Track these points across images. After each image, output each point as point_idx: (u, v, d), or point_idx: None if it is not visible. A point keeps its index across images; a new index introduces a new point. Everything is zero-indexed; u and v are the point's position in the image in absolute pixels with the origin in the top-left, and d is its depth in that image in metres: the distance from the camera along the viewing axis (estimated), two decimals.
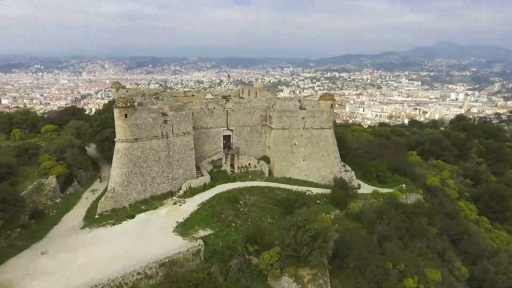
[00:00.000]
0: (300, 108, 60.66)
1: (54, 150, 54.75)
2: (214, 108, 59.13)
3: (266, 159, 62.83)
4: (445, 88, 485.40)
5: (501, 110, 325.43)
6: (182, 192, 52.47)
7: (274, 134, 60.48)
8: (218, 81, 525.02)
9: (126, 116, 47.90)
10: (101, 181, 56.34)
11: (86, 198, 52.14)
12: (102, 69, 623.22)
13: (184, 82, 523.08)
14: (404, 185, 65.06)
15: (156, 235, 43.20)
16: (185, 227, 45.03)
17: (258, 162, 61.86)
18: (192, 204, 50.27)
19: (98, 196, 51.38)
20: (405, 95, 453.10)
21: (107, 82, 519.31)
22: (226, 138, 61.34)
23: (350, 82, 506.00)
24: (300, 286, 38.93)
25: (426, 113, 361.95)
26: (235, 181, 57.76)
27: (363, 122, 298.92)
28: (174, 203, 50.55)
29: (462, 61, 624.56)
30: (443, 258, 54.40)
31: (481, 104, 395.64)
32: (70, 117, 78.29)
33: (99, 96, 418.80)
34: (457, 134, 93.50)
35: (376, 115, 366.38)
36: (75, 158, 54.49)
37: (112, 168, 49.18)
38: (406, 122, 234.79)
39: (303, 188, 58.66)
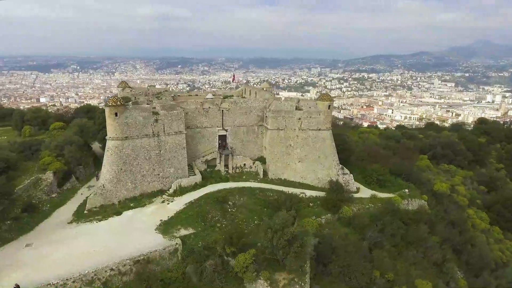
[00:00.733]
0: (296, 108, 59.50)
1: (54, 147, 56.77)
2: (209, 107, 59.20)
3: (263, 160, 62.17)
4: (481, 89, 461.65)
5: None
6: (172, 190, 52.89)
7: (269, 134, 59.73)
8: (245, 81, 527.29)
9: (116, 114, 48.89)
10: (97, 179, 57.77)
11: (81, 194, 53.74)
12: (134, 69, 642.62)
13: (211, 82, 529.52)
14: (406, 190, 62.26)
15: (138, 233, 43.72)
16: (167, 226, 45.31)
17: (253, 163, 61.31)
18: (179, 203, 50.53)
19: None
20: (437, 97, 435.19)
21: (138, 82, 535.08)
22: (222, 138, 61.24)
23: (379, 83, 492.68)
24: None
25: (460, 115, 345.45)
26: (228, 181, 57.51)
27: (391, 124, 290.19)
28: (163, 202, 51.07)
29: (500, 61, 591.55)
30: (442, 269, 51.45)
31: None
32: (84, 115, 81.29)
33: None
34: (473, 138, 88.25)
35: (405, 117, 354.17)
36: (73, 155, 56.26)
37: (103, 165, 50.37)
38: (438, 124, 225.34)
39: (297, 190, 57.63)
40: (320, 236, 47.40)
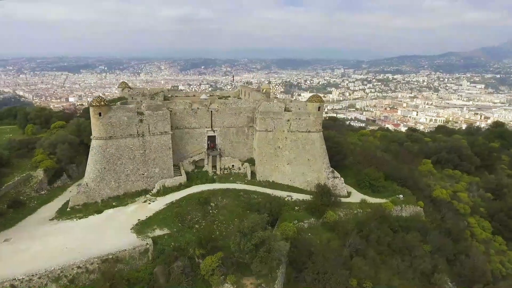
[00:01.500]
0: (285, 110, 58.46)
1: (48, 145, 58.51)
2: (198, 108, 59.16)
3: (253, 162, 61.51)
4: None
5: None
6: (155, 190, 53.21)
7: (257, 136, 59.03)
8: (267, 82, 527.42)
9: (100, 114, 49.72)
10: None
11: (70, 192, 54.93)
12: (158, 70, 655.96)
13: (233, 83, 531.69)
14: (401, 195, 59.81)
15: (113, 231, 44.17)
16: (143, 226, 45.53)
17: (242, 164, 60.74)
18: (161, 203, 50.73)
19: None
20: (465, 99, 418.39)
21: (162, 82, 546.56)
22: (212, 139, 61.06)
23: (404, 85, 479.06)
24: None
25: (489, 118, 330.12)
26: (214, 182, 57.28)
27: (416, 126, 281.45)
28: (145, 201, 51.43)
29: None
30: (430, 280, 48.95)
31: None
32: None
33: None
34: (482, 142, 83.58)
35: (430, 120, 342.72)
36: (65, 153, 57.69)
37: (87, 164, 51.31)
38: (464, 127, 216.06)
39: (284, 193, 56.70)
40: (298, 241, 46.59)
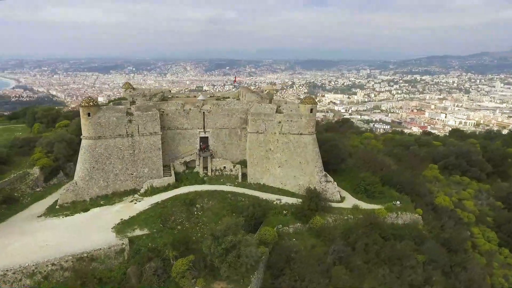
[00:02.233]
0: (277, 111, 57.42)
1: (46, 144, 60.31)
2: (190, 109, 59.17)
3: (245, 164, 60.75)
4: None
5: None
6: (143, 190, 53.63)
7: (249, 138, 58.32)
8: (291, 83, 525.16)
9: (89, 114, 50.70)
10: None
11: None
12: (184, 70, 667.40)
13: (257, 83, 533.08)
14: (398, 202, 57.26)
15: (95, 230, 44.85)
16: (125, 225, 45.95)
17: (234, 166, 60.20)
18: (146, 203, 51.07)
19: None
20: (498, 101, 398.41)
21: (187, 83, 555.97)
22: (204, 140, 60.92)
23: (432, 86, 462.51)
24: None
25: None
26: (204, 183, 57.09)
27: (444, 129, 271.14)
28: (131, 201, 51.96)
29: None
30: None
31: None
32: None
33: None
34: (495, 147, 78.56)
35: (460, 122, 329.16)
36: (62, 151, 59.22)
37: (77, 163, 52.45)
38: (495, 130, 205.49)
39: (274, 196, 55.72)
40: (279, 246, 45.58)
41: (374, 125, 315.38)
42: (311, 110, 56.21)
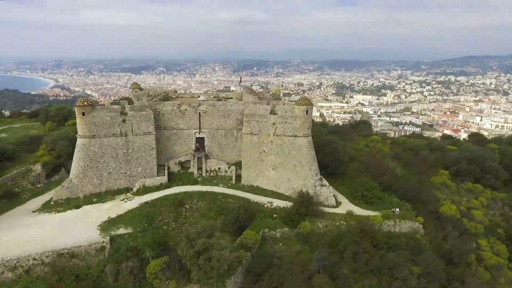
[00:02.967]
0: (272, 113, 56.31)
1: (50, 141, 62.57)
2: (186, 109, 59.27)
3: (241, 165, 60.08)
4: None
5: None
6: (135, 189, 54.24)
7: (243, 139, 57.58)
8: (318, 83, 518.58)
9: (83, 114, 51.93)
10: None
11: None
12: (212, 71, 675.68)
13: (284, 84, 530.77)
14: (397, 209, 54.47)
15: (82, 227, 45.85)
16: (110, 223, 46.64)
17: (229, 167, 59.70)
18: (136, 202, 51.63)
19: None
20: None
21: (215, 83, 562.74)
22: (200, 141, 60.83)
23: (468, 87, 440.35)
24: None
25: None
26: (197, 184, 56.94)
27: (480, 133, 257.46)
28: (122, 199, 52.66)
29: None
30: None
31: None
32: None
33: None
34: None
35: (496, 126, 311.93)
36: (64, 149, 61.18)
37: (73, 161, 53.85)
38: None
39: (266, 199, 54.71)
40: (262, 250, 44.57)
41: (403, 127, 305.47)
42: (307, 112, 54.62)
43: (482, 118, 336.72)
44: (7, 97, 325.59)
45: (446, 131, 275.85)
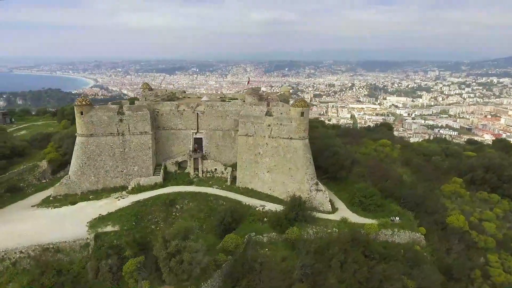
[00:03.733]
0: (267, 114, 55.17)
1: (58, 139, 65.05)
2: (184, 110, 59.49)
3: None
4: None
5: None
6: (130, 188, 55.03)
7: (239, 140, 56.88)
8: (350, 84, 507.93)
9: (81, 113, 53.46)
10: None
11: None
12: (244, 72, 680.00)
13: (315, 85, 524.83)
14: (397, 218, 51.53)
15: (73, 223, 47.07)
16: (100, 220, 47.53)
17: (225, 169, 59.22)
18: (129, 200, 52.29)
19: None
20: None
21: (246, 83, 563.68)
22: (199, 141, 60.84)
23: None
24: None
25: None
26: (191, 185, 56.86)
27: None
28: (116, 198, 53.57)
29: None
30: None
31: None
32: None
33: None
34: None
35: None
36: (69, 146, 63.25)
37: (72, 158, 55.55)
38: None
39: (258, 202, 53.67)
40: (245, 255, 43.61)
41: (439, 130, 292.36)
42: (302, 114, 52.94)
43: None
44: (51, 96, 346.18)
45: (486, 136, 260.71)
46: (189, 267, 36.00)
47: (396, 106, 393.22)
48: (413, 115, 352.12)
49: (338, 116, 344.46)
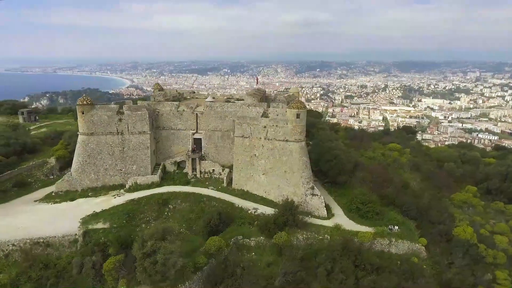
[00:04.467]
0: (264, 116, 54.15)
1: (68, 137, 67.46)
2: (184, 110, 59.73)
3: None
4: None
5: None
6: (127, 186, 55.93)
7: (235, 142, 56.26)
8: (383, 85, 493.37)
9: (83, 112, 55.03)
10: None
11: None
12: (275, 72, 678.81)
13: (347, 86, 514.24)
14: (396, 227, 48.71)
15: (68, 218, 48.45)
16: (92, 217, 48.60)
17: (223, 170, 58.81)
18: (124, 198, 53.18)
19: None
20: None
21: (277, 84, 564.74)
22: (198, 142, 60.88)
23: None
24: None
25: None
26: (187, 185, 56.96)
27: None
28: (113, 195, 54.61)
29: None
30: None
31: None
32: None
33: None
34: None
35: None
36: (75, 144, 65.29)
37: (74, 156, 57.30)
38: None
39: (251, 205, 52.87)
40: (228, 258, 42.91)
41: (477, 134, 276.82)
42: (298, 116, 51.41)
43: None
44: (89, 95, 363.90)
45: None
46: (162, 268, 35.85)
47: (431, 109, 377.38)
48: (449, 118, 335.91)
49: (369, 118, 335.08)
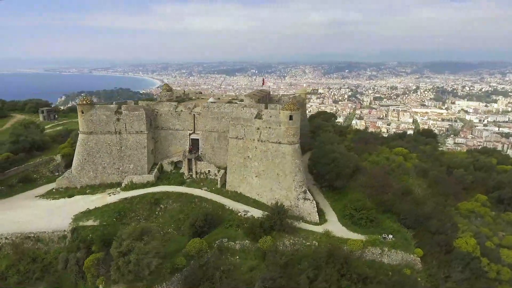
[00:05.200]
0: (257, 117, 53.28)
1: (75, 135, 69.46)
2: (181, 111, 59.95)
3: None
4: None
5: None
6: (123, 185, 56.81)
7: (229, 143, 55.74)
8: (415, 87, 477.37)
9: (82, 112, 56.50)
10: None
11: None
12: (302, 73, 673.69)
13: (376, 88, 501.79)
14: (390, 236, 46.33)
15: (62, 214, 50.00)
16: (84, 214, 49.75)
17: (218, 171, 58.46)
18: (118, 197, 54.09)
19: None
20: None
21: (304, 85, 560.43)
22: (195, 142, 60.93)
23: None
24: None
25: None
26: (182, 185, 57.07)
27: None
28: (109, 193, 55.62)
29: None
30: None
31: None
32: None
33: None
34: None
35: None
36: None
37: (74, 154, 58.93)
38: None
39: (242, 207, 52.17)
40: (208, 261, 42.50)
41: None
42: (291, 117, 50.10)
43: None
44: (121, 95, 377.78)
45: None
46: (135, 268, 35.91)
47: (465, 111, 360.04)
48: (485, 121, 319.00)
49: (398, 120, 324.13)
